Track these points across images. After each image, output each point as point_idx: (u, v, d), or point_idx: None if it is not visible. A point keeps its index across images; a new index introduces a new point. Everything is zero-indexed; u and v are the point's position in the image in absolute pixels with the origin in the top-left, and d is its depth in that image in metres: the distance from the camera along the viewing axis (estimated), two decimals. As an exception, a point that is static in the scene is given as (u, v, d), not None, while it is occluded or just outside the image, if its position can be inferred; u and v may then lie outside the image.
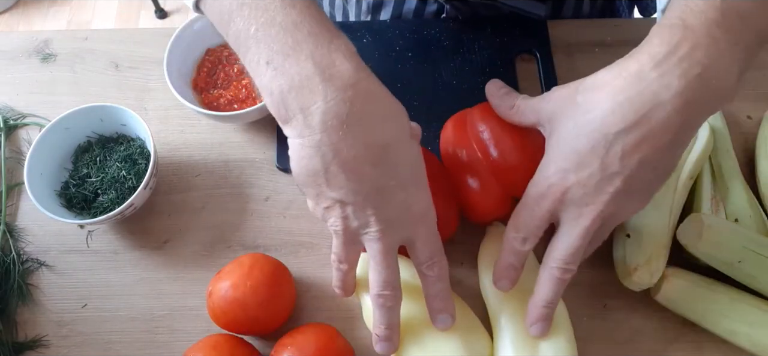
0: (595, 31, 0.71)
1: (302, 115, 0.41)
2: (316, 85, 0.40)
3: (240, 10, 0.42)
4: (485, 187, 0.52)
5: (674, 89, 0.41)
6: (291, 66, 0.41)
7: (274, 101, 0.42)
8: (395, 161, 0.43)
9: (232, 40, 0.43)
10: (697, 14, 0.42)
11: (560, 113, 0.46)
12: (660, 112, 0.41)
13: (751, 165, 0.62)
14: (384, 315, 0.47)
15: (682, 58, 0.41)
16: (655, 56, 0.42)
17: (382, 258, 0.45)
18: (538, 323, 0.48)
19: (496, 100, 0.52)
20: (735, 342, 0.52)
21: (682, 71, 0.41)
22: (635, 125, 0.42)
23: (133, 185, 0.59)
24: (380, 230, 0.44)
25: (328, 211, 0.44)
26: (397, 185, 0.44)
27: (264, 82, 0.42)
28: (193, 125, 0.66)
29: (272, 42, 0.41)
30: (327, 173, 0.42)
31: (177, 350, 0.55)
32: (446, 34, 0.69)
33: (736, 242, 0.51)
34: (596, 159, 0.43)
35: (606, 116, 0.43)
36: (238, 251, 0.60)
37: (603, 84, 0.44)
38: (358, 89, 0.41)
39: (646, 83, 0.41)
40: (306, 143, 0.42)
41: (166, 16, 2.03)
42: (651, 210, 0.54)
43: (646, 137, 0.42)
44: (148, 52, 0.71)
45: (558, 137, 0.46)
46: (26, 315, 0.57)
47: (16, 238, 0.60)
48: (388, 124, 0.43)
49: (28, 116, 0.67)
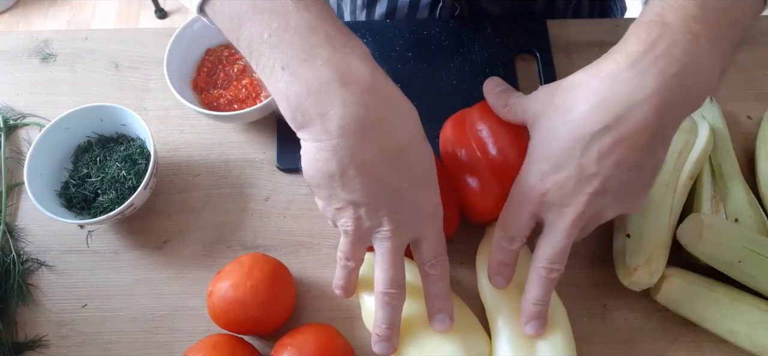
0: (595, 31, 0.71)
1: (320, 120, 0.40)
2: (334, 90, 0.40)
3: (251, 14, 0.41)
4: (485, 186, 0.52)
5: (650, 89, 0.40)
6: (308, 71, 0.40)
7: (291, 107, 0.41)
8: (410, 162, 0.44)
9: (243, 44, 0.42)
10: (676, 10, 0.41)
11: (541, 114, 0.46)
12: (636, 112, 0.41)
13: (751, 165, 0.62)
14: (387, 314, 0.47)
15: (659, 57, 0.41)
16: (630, 55, 0.41)
17: (390, 257, 0.45)
18: (531, 321, 0.48)
19: (492, 98, 0.52)
20: (735, 342, 0.52)
21: (659, 70, 0.40)
22: (611, 126, 0.42)
23: (133, 185, 0.59)
24: (391, 230, 0.44)
25: (340, 212, 0.44)
26: (411, 186, 0.44)
27: (280, 88, 0.41)
28: (193, 125, 0.66)
29: (287, 47, 0.40)
30: (343, 175, 0.42)
31: (177, 350, 0.55)
32: (446, 34, 0.69)
33: (736, 242, 0.51)
34: (573, 161, 0.43)
35: (582, 117, 0.42)
36: (238, 251, 0.60)
37: (580, 85, 0.44)
38: (375, 93, 0.41)
39: (622, 84, 0.41)
40: (322, 146, 0.41)
41: (166, 16, 2.03)
42: (651, 210, 0.54)
43: (623, 138, 0.42)
44: (148, 52, 0.71)
45: (538, 138, 0.46)
46: (26, 315, 0.57)
47: (16, 238, 0.60)
48: (404, 126, 0.43)
49: (28, 116, 0.67)
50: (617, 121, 0.41)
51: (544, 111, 0.46)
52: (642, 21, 0.43)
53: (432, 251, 0.47)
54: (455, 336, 0.50)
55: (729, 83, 0.67)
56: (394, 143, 0.42)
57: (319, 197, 0.45)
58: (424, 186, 0.45)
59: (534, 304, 0.48)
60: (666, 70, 0.40)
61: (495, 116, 0.52)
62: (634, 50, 0.41)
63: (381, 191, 0.43)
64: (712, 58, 0.41)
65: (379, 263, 0.46)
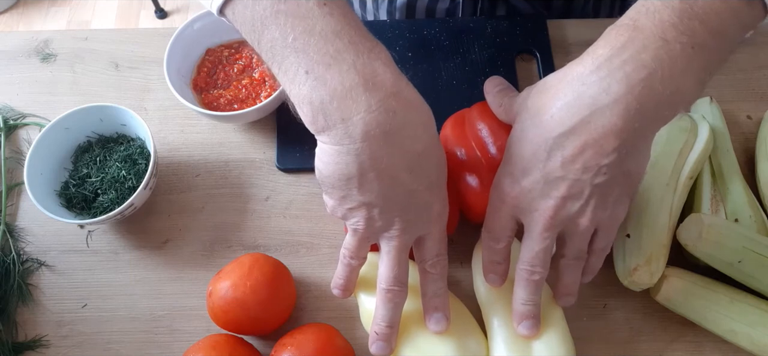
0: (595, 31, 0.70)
1: (343, 124, 0.40)
2: (359, 95, 0.40)
3: (275, 17, 0.40)
4: (485, 186, 0.52)
5: (615, 93, 0.39)
6: (333, 76, 0.40)
7: (313, 110, 0.41)
8: (427, 166, 0.44)
9: (265, 47, 0.42)
10: (651, 14, 0.40)
11: (517, 115, 0.46)
12: (601, 117, 0.40)
13: (751, 165, 0.62)
14: (388, 312, 0.47)
15: (626, 61, 0.39)
16: (597, 58, 0.41)
17: (396, 254, 0.46)
18: (523, 321, 0.48)
19: (490, 97, 0.52)
20: (735, 342, 0.52)
21: (625, 74, 0.39)
22: (575, 129, 0.41)
23: (133, 185, 0.59)
24: (401, 229, 0.45)
25: (353, 211, 0.44)
26: (426, 188, 0.44)
27: (303, 92, 0.41)
28: (193, 125, 0.66)
29: (312, 51, 0.40)
30: (362, 178, 0.42)
31: (177, 350, 0.55)
32: (446, 34, 0.69)
33: (736, 242, 0.51)
34: (539, 165, 0.43)
35: (548, 119, 0.42)
36: (238, 251, 0.60)
37: (549, 87, 0.43)
38: (399, 98, 0.41)
39: (587, 87, 0.40)
40: (344, 150, 0.41)
41: (166, 16, 2.03)
42: (651, 210, 0.54)
43: (588, 143, 0.41)
44: (148, 52, 0.71)
45: (510, 140, 0.46)
46: (26, 315, 0.57)
47: (16, 238, 0.60)
48: (424, 131, 0.43)
49: (28, 116, 0.67)
50: (580, 124, 0.41)
51: (519, 113, 0.46)
52: (615, 24, 0.42)
53: (435, 249, 0.47)
54: (452, 338, 0.50)
55: (729, 83, 0.67)
56: (414, 148, 0.42)
57: (331, 197, 0.45)
58: (436, 187, 0.46)
59: (523, 304, 0.48)
60: (633, 75, 0.39)
61: (494, 116, 0.52)
62: (601, 53, 0.41)
63: (397, 193, 0.43)
64: (687, 67, 0.39)
65: (385, 261, 0.46)
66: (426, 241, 0.47)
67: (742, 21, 0.40)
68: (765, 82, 0.68)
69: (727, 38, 0.41)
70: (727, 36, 0.40)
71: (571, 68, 0.43)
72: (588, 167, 0.42)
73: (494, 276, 0.50)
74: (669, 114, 0.41)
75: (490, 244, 0.49)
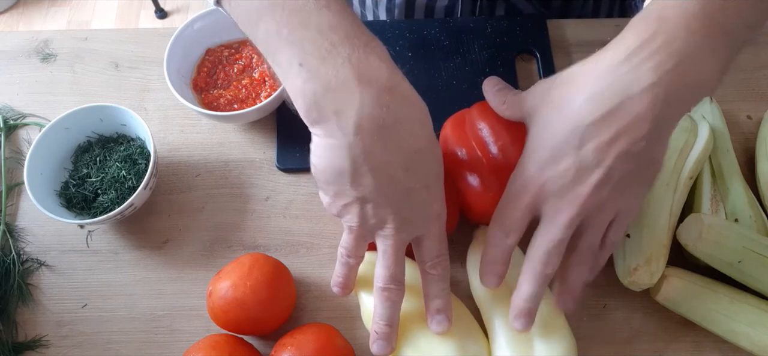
0: (595, 31, 0.71)
1: (336, 117, 0.40)
2: (352, 89, 0.40)
3: (271, 10, 0.41)
4: (485, 185, 0.52)
5: (645, 82, 0.41)
6: (327, 69, 0.40)
7: (306, 103, 0.41)
8: (424, 164, 0.44)
9: (260, 40, 0.42)
10: (677, 7, 0.41)
11: (538, 107, 0.46)
12: (632, 105, 0.41)
13: (751, 165, 0.62)
14: (386, 310, 0.47)
15: (655, 51, 0.41)
16: (627, 48, 0.41)
17: (392, 253, 0.46)
18: (520, 318, 0.47)
19: (491, 96, 0.52)
20: (735, 342, 0.52)
21: (655, 64, 0.40)
22: (607, 117, 0.41)
23: (133, 185, 0.59)
24: (396, 228, 0.45)
25: (347, 208, 0.44)
26: (423, 186, 0.44)
27: (297, 85, 0.41)
28: (193, 125, 0.66)
29: (307, 44, 0.40)
30: (355, 173, 0.42)
31: (177, 350, 0.55)
32: (446, 34, 0.69)
33: (736, 242, 0.51)
34: (571, 152, 0.43)
35: (578, 109, 0.42)
36: (238, 251, 0.60)
37: (576, 77, 0.44)
38: (393, 93, 0.41)
39: (616, 76, 0.41)
40: (336, 143, 0.41)
41: (166, 16, 2.03)
42: (651, 210, 0.54)
43: (621, 130, 0.41)
44: (148, 52, 0.71)
45: (535, 131, 0.46)
46: (26, 315, 0.57)
47: (16, 238, 0.60)
48: (421, 129, 0.43)
49: (28, 116, 0.67)
50: (613, 112, 0.41)
51: (541, 105, 0.46)
52: (641, 16, 0.43)
53: (434, 250, 0.47)
54: (454, 339, 0.50)
55: (729, 83, 0.67)
56: (411, 146, 0.42)
57: (325, 192, 0.45)
58: (434, 186, 0.45)
59: (525, 301, 0.46)
60: (663, 64, 0.40)
61: (495, 115, 0.52)
62: (631, 44, 0.41)
63: (392, 190, 0.43)
64: (711, 57, 0.41)
65: (381, 260, 0.46)
66: (425, 241, 0.47)
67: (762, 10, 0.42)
68: (765, 82, 0.68)
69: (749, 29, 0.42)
70: (749, 27, 0.42)
71: (597, 59, 0.43)
72: (621, 154, 0.42)
73: (492, 277, 0.49)
74: (692, 102, 0.43)
75: (497, 240, 0.48)
